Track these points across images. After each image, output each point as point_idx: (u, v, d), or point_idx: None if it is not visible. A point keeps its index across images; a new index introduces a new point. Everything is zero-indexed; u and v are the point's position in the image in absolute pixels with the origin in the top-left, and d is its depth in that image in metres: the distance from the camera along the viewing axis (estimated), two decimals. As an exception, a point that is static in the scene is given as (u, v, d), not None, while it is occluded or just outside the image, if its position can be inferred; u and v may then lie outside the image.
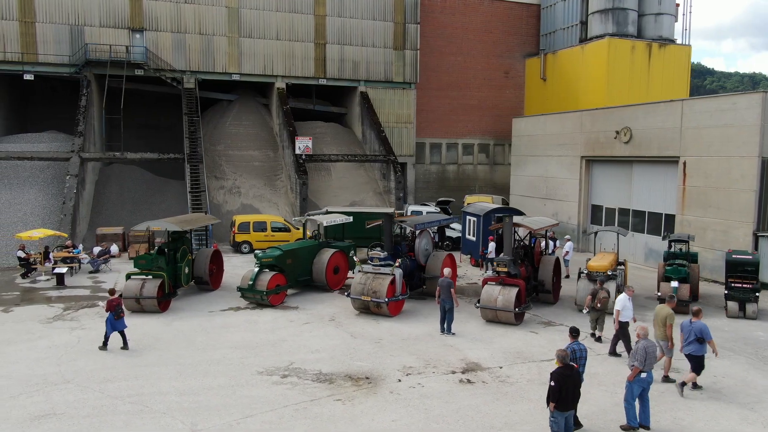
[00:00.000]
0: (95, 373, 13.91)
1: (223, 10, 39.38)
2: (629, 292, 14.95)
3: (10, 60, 35.55)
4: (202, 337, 16.72)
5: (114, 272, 25.59)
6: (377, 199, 38.71)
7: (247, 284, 19.86)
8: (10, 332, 17.14)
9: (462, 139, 48.27)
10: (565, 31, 45.58)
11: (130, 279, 19.39)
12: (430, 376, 13.59)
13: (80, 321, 18.36)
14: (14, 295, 21.53)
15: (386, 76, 43.45)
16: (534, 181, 34.07)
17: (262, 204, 35.84)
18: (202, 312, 19.44)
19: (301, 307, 20.03)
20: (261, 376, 13.68)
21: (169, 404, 12.12)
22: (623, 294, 14.84)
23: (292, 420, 11.38)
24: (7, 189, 31.19)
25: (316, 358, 14.84)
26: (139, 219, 34.38)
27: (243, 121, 41.46)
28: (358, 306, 18.80)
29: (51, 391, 12.86)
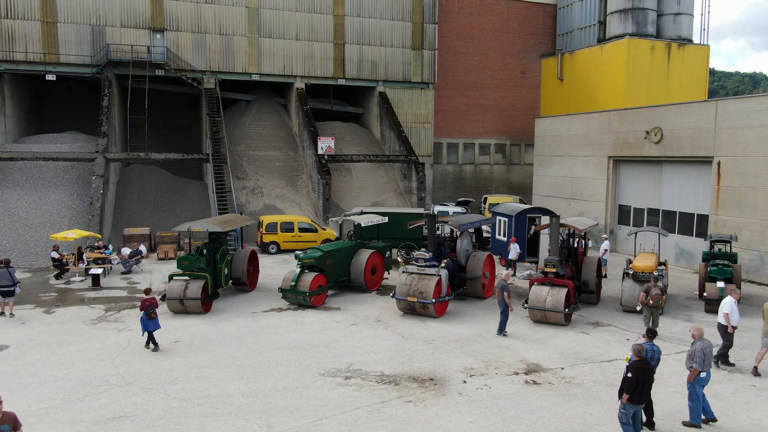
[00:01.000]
0: (155, 374, 13.84)
1: (243, 10, 39.33)
2: (736, 295, 14.43)
3: (32, 60, 35.47)
4: (252, 338, 16.65)
5: (146, 273, 25.52)
6: (398, 200, 38.66)
7: (289, 285, 19.78)
8: (57, 333, 17.06)
9: (479, 139, 48.25)
10: (582, 31, 45.56)
11: (173, 280, 19.30)
12: (494, 378, 13.54)
13: (125, 322, 18.28)
14: (52, 297, 21.44)
15: (404, 76, 43.41)
16: (558, 182, 34.03)
17: (285, 204, 35.77)
18: (244, 313, 19.37)
19: (343, 308, 19.96)
20: (323, 377, 13.61)
21: (239, 406, 12.05)
22: (729, 297, 14.37)
23: (368, 422, 11.32)
24: (33, 189, 31.07)
25: (374, 359, 14.78)
26: (162, 220, 34.37)
27: (262, 121, 41.40)
28: (404, 307, 18.74)
29: (116, 393, 12.78)
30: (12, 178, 31.68)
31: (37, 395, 12.73)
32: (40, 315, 19.06)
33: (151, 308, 15.61)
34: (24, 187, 31.30)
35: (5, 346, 15.90)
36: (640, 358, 10.06)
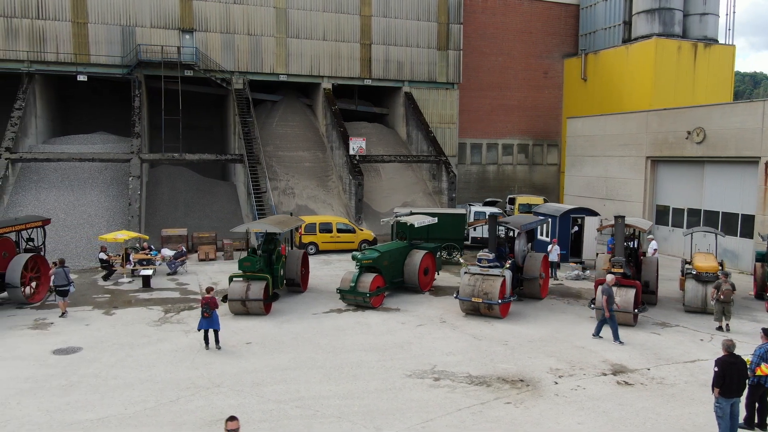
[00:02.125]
0: (240, 376, 13.78)
1: (271, 11, 39.25)
2: None
3: (63, 61, 35.34)
4: (323, 339, 16.59)
5: (190, 274, 25.44)
6: (427, 200, 38.62)
7: (348, 286, 19.74)
8: (125, 335, 16.99)
9: (502, 140, 48.25)
10: (606, 31, 45.59)
11: (234, 281, 19.23)
12: (584, 378, 13.51)
13: (188, 324, 18.21)
14: (106, 298, 21.36)
15: (430, 77, 43.37)
16: (592, 182, 34.03)
17: (317, 205, 35.70)
18: (305, 314, 19.31)
19: (402, 308, 19.91)
20: (411, 378, 13.57)
21: (339, 408, 12.01)
22: None
23: (475, 423, 11.28)
24: (69, 190, 30.98)
25: (455, 360, 14.74)
26: (194, 220, 34.31)
27: (289, 122, 41.33)
28: (467, 307, 18.71)
29: (208, 395, 12.73)
30: (48, 179, 31.58)
31: (128, 397, 12.67)
32: (101, 316, 18.99)
33: (205, 307, 15.58)
34: (60, 188, 31.20)
35: (78, 348, 15.83)
36: (728, 353, 10.37)
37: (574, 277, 24.39)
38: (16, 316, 18.95)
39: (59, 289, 19.09)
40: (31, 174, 31.84)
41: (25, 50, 34.65)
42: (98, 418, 11.70)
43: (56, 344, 16.13)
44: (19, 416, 11.79)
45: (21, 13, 34.37)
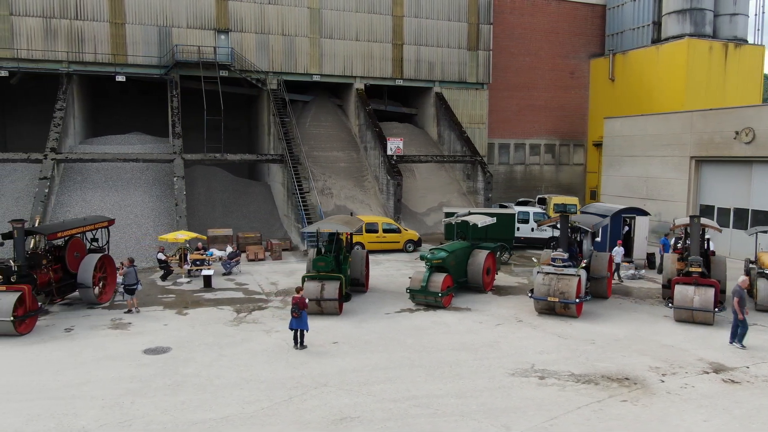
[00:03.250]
0: (343, 376, 13.84)
1: (305, 11, 39.31)
2: None
3: (101, 62, 35.35)
4: (409, 339, 16.65)
5: (245, 274, 25.45)
6: (462, 200, 38.70)
7: (419, 286, 19.80)
8: (208, 335, 17.03)
9: (529, 140, 48.38)
10: (634, 32, 45.73)
11: (308, 281, 19.27)
12: (687, 377, 13.59)
13: (265, 323, 18.28)
14: (172, 298, 21.39)
15: (460, 77, 43.47)
16: (631, 182, 34.15)
17: (355, 205, 35.75)
18: (377, 314, 19.36)
19: (473, 308, 19.97)
20: (516, 377, 13.65)
21: (457, 407, 12.07)
22: None
23: (601, 421, 11.36)
24: (114, 191, 30.99)
25: (551, 359, 14.82)
26: (232, 220, 34.36)
27: (322, 122, 41.38)
28: (542, 307, 18.78)
29: (319, 395, 12.78)
30: (91, 180, 31.60)
31: (239, 397, 12.71)
32: (175, 316, 19.02)
33: (294, 307, 15.69)
34: (104, 188, 31.22)
35: (167, 348, 15.87)
36: None
37: (630, 276, 24.49)
38: (90, 316, 18.97)
39: (129, 288, 19.18)
40: (75, 174, 31.85)
41: (64, 51, 34.66)
42: (220, 417, 11.75)
43: (144, 344, 16.17)
44: (140, 415, 11.84)
45: (60, 13, 34.40)
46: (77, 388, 13.19)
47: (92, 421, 11.63)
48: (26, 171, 33.28)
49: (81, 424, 11.48)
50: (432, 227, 36.21)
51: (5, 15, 33.59)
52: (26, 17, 33.90)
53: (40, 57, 34.32)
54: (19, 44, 33.86)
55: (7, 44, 33.65)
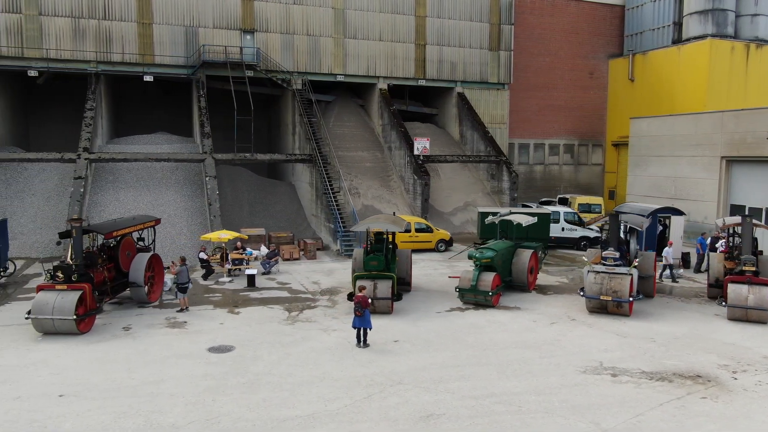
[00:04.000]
0: (415, 374, 13.94)
1: (329, 11, 39.41)
2: None
3: (128, 62, 35.41)
4: (468, 337, 16.77)
5: (285, 273, 25.52)
6: (487, 200, 38.81)
7: (469, 285, 19.90)
8: (267, 333, 17.11)
9: (548, 140, 48.52)
10: (654, 32, 45.88)
11: (360, 280, 19.34)
12: (758, 374, 13.73)
13: (320, 322, 18.38)
14: (219, 297, 21.46)
15: (481, 77, 43.60)
16: (659, 182, 34.30)
17: (382, 205, 35.84)
18: (429, 312, 19.47)
19: (522, 307, 20.08)
20: (587, 375, 13.76)
21: (540, 404, 12.19)
22: None
23: (687, 418, 11.48)
24: (146, 190, 31.05)
25: (617, 357, 14.94)
26: (259, 220, 34.40)
27: (345, 122, 41.48)
28: (594, 305, 18.89)
29: (399, 392, 12.88)
30: (123, 179, 31.66)
31: (318, 395, 12.81)
32: (228, 315, 19.11)
33: (358, 306, 15.82)
34: (136, 187, 31.28)
35: (231, 346, 15.96)
36: None
37: (668, 275, 24.58)
38: (144, 315, 19.06)
39: (181, 286, 19.27)
40: (106, 174, 31.92)
41: (93, 51, 34.72)
42: (306, 414, 11.84)
43: (206, 342, 16.25)
44: (225, 413, 11.93)
45: (88, 13, 34.47)
46: (154, 385, 13.28)
47: (179, 418, 11.72)
48: (55, 171, 33.37)
49: (169, 421, 11.57)
50: (459, 227, 36.32)
51: (34, 15, 33.66)
52: (55, 17, 33.98)
53: (68, 57, 34.39)
54: (48, 44, 33.93)
55: (36, 44, 33.72)
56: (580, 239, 31.36)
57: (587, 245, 31.39)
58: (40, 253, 28.45)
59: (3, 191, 31.68)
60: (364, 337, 16.05)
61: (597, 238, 31.57)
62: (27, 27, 33.50)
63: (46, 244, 29.06)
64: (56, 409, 12.07)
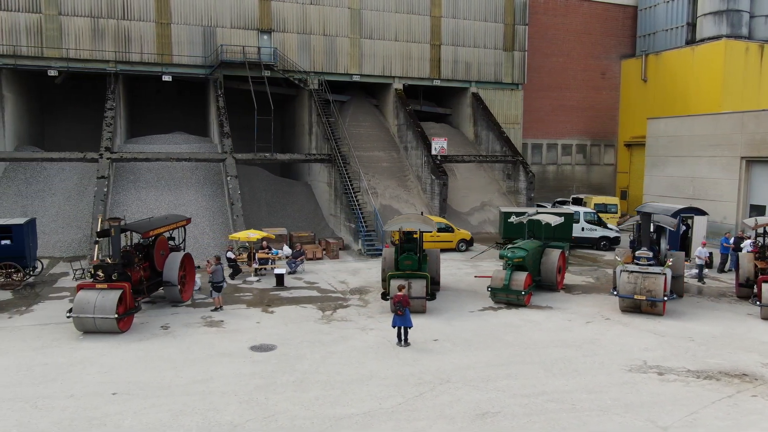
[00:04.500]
0: (461, 372, 14.03)
1: (345, 11, 39.49)
2: None
3: (147, 61, 35.48)
4: (507, 336, 16.86)
5: (309, 273, 25.60)
6: (503, 200, 38.91)
7: (501, 284, 19.99)
8: (306, 333, 17.18)
9: (561, 140, 48.63)
10: (668, 33, 46.00)
11: (393, 279, 19.43)
12: (804, 373, 13.83)
13: (355, 321, 18.46)
14: (250, 297, 21.54)
15: (496, 77, 43.70)
16: (676, 182, 34.41)
17: (400, 204, 35.93)
18: (462, 312, 19.55)
19: (554, 306, 20.17)
20: (634, 373, 13.86)
21: (593, 402, 12.28)
22: None
23: (741, 416, 11.59)
24: (167, 190, 31.13)
25: (659, 356, 15.04)
26: (277, 219, 34.47)
27: (361, 122, 41.57)
28: (627, 305, 18.98)
29: (449, 390, 12.96)
30: (144, 179, 31.74)
31: (369, 393, 12.89)
32: (262, 314, 19.19)
33: (398, 305, 15.93)
34: (157, 187, 31.36)
35: (272, 345, 16.04)
36: None
37: (694, 275, 24.69)
38: (179, 314, 19.13)
39: (216, 285, 19.36)
40: (127, 174, 31.99)
41: (112, 50, 34.79)
42: (362, 412, 11.92)
43: (246, 341, 16.34)
44: (280, 411, 12.01)
45: (107, 13, 34.53)
46: (204, 384, 13.36)
47: (236, 416, 11.79)
48: (74, 170, 33.47)
49: (227, 419, 11.65)
50: (477, 227, 36.41)
51: (54, 15, 33.72)
52: (74, 17, 34.04)
53: (87, 57, 34.45)
54: (68, 44, 33.99)
55: (56, 44, 33.78)
56: (599, 239, 31.46)
57: (607, 245, 31.57)
58: (63, 253, 28.52)
59: (24, 190, 31.78)
60: (405, 335, 16.13)
61: (617, 238, 31.76)
62: (47, 27, 33.56)
63: (69, 243, 29.16)
64: (112, 407, 12.15)
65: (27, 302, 20.25)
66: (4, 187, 31.68)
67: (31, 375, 13.79)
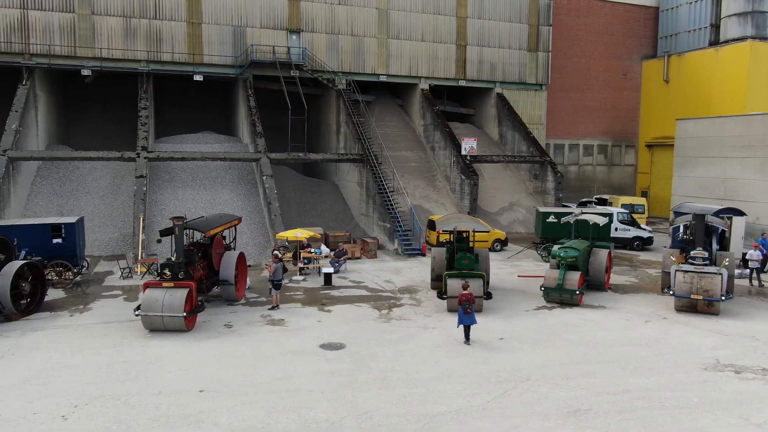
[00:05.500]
0: (538, 370, 14.16)
1: (373, 12, 39.61)
2: None
3: (178, 61, 35.57)
4: (570, 335, 16.99)
5: (352, 272, 25.70)
6: (531, 200, 39.06)
7: (555, 284, 20.13)
8: (370, 331, 17.28)
9: (583, 140, 48.79)
10: (690, 34, 46.17)
11: (450, 279, 19.55)
12: None
13: (414, 320, 18.59)
14: (301, 295, 21.65)
15: (520, 78, 43.84)
16: (706, 183, 34.59)
17: (430, 204, 36.05)
18: (516, 311, 19.69)
19: (606, 306, 20.31)
20: (710, 371, 14.01)
21: (681, 399, 12.43)
22: None
23: (832, 414, 11.73)
24: (202, 189, 31.24)
25: (731, 354, 15.20)
26: (307, 219, 34.56)
27: (387, 122, 41.68)
28: (683, 304, 19.13)
29: (533, 388, 13.09)
30: (179, 178, 31.84)
31: (452, 391, 13.00)
32: (319, 313, 19.29)
33: (467, 303, 16.08)
34: (193, 186, 31.47)
35: (341, 344, 16.15)
36: None
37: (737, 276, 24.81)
38: (237, 312, 19.25)
39: (276, 283, 19.48)
40: (162, 173, 32.08)
41: (143, 50, 34.88)
42: (453, 410, 12.04)
43: (314, 339, 16.45)
44: (373, 408, 12.12)
45: (139, 13, 34.61)
46: (287, 381, 13.47)
47: (329, 413, 11.91)
48: (106, 169, 33.56)
49: (322, 417, 11.77)
50: (506, 227, 36.53)
51: (87, 14, 33.81)
52: (107, 17, 34.12)
53: (119, 56, 34.54)
54: (100, 43, 34.07)
55: (89, 43, 33.86)
56: (633, 239, 31.60)
57: (640, 245, 31.73)
58: (101, 251, 28.61)
59: (58, 189, 31.86)
60: (468, 333, 16.30)
61: (650, 239, 31.90)
62: (80, 26, 33.65)
63: (107, 242, 29.25)
64: (203, 404, 12.25)
65: (83, 301, 20.36)
66: (39, 186, 31.76)
67: (112, 372, 13.89)
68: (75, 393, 12.70)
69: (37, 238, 21.31)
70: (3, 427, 11.23)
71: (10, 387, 12.98)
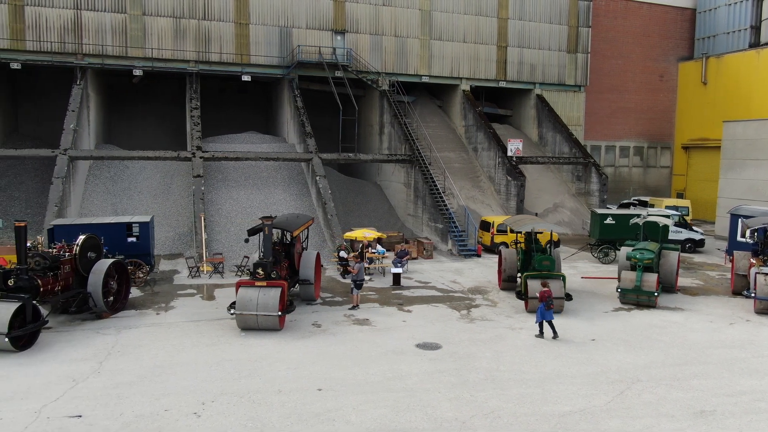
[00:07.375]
0: (643, 371, 14.24)
1: (416, 13, 39.73)
2: None
3: (225, 61, 35.78)
4: (661, 336, 17.06)
5: (415, 272, 25.79)
6: (574, 201, 39.09)
7: (632, 285, 20.19)
8: (456, 331, 17.36)
9: (619, 142, 48.76)
10: (729, 36, 46.05)
11: (530, 279, 19.62)
12: None
13: (496, 320, 18.69)
14: (375, 295, 21.76)
15: (559, 79, 43.87)
16: (756, 185, 34.51)
17: (476, 205, 36.14)
18: (595, 312, 19.76)
19: (683, 308, 20.35)
20: (819, 374, 14.05)
21: (800, 402, 12.48)
22: None
23: None
24: (255, 189, 31.44)
25: (831, 357, 15.23)
26: (354, 219, 34.65)
27: (429, 123, 41.77)
28: (764, 307, 19.16)
29: (647, 389, 13.17)
30: (232, 178, 32.05)
31: (567, 391, 13.09)
32: (401, 313, 19.40)
33: (549, 300, 16.26)
34: (246, 186, 31.67)
35: (436, 344, 16.25)
36: None
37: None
38: (319, 312, 19.37)
39: (358, 283, 19.62)
40: (215, 173, 32.30)
41: (193, 50, 35.12)
42: (578, 410, 12.13)
43: (408, 339, 16.57)
44: (496, 407, 12.20)
45: (189, 13, 34.87)
46: (399, 381, 13.58)
47: (455, 412, 12.01)
48: (155, 168, 33.77)
49: (449, 415, 11.87)
50: (552, 228, 36.51)
51: (138, 15, 34.08)
52: (158, 17, 34.38)
53: (169, 56, 34.80)
54: (151, 44, 34.33)
55: (140, 43, 34.14)
56: (685, 241, 31.57)
57: (692, 247, 31.71)
58: (159, 251, 28.77)
59: (111, 188, 32.11)
60: (553, 328, 16.61)
61: (702, 241, 31.87)
62: (131, 27, 33.92)
63: (163, 241, 29.43)
64: (327, 403, 12.38)
65: (164, 299, 20.54)
66: (92, 185, 32.01)
67: (224, 370, 14.03)
68: (197, 390, 12.84)
69: (113, 237, 21.49)
70: (141, 421, 11.40)
71: (131, 384, 13.15)
